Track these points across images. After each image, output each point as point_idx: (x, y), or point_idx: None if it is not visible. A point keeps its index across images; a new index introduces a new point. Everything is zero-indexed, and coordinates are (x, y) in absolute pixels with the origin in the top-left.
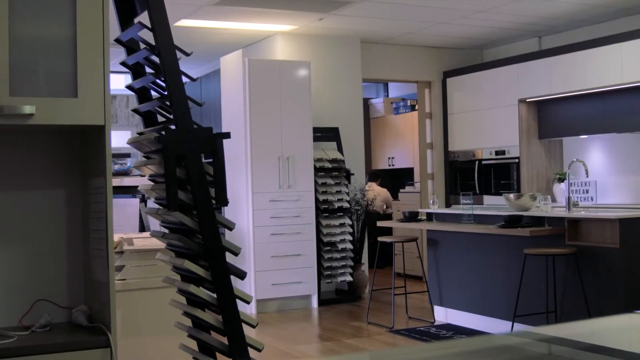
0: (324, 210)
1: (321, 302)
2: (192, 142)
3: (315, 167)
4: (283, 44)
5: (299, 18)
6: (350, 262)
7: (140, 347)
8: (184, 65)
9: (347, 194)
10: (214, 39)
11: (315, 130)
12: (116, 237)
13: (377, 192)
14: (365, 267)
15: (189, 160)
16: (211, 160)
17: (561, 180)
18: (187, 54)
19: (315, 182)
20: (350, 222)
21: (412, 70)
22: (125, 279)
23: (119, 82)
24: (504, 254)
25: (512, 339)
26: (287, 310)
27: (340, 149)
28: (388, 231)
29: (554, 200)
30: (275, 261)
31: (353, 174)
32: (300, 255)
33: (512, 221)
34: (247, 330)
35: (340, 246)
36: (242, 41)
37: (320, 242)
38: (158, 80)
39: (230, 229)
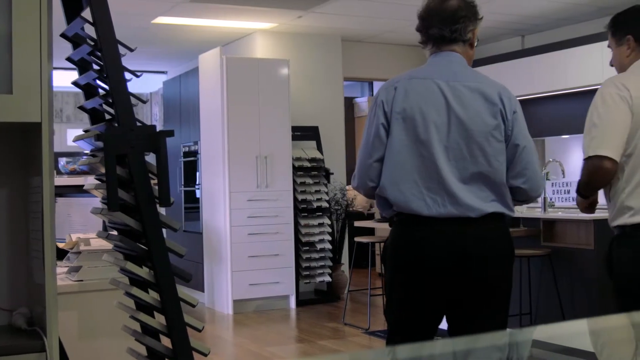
0: (302, 210)
1: (299, 303)
2: (134, 140)
3: (294, 167)
4: (262, 42)
5: (278, 16)
6: (329, 263)
7: (97, 350)
8: (164, 63)
9: (327, 193)
10: (192, 36)
11: (295, 129)
12: (74, 237)
13: (356, 192)
14: (345, 268)
15: (131, 159)
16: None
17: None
18: (130, 50)
19: (294, 181)
20: (329, 222)
21: (394, 69)
22: (82, 280)
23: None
24: None
25: (491, 340)
26: (265, 311)
27: (319, 148)
28: (372, 231)
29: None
30: (253, 261)
31: (332, 174)
32: (278, 256)
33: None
34: (222, 331)
35: (319, 246)
36: (222, 39)
37: (298, 242)
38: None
39: (175, 230)
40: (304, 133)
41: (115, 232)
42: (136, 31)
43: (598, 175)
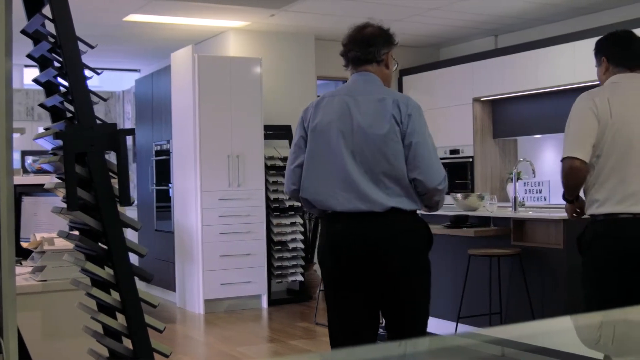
0: (274, 209)
1: (271, 302)
2: (94, 138)
3: (266, 166)
4: (235, 41)
5: (251, 14)
6: (302, 262)
7: (61, 350)
8: (137, 61)
9: None
10: (165, 34)
11: (267, 128)
12: (38, 237)
13: None
14: (317, 267)
15: (90, 158)
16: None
17: (516, 179)
18: (91, 47)
19: (266, 180)
20: (301, 221)
21: None
22: (46, 280)
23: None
24: (450, 254)
25: (458, 340)
26: (236, 311)
27: None
28: None
29: (507, 200)
30: (224, 260)
31: None
32: (250, 255)
33: (458, 221)
34: (193, 331)
35: (291, 245)
36: (194, 37)
37: (270, 242)
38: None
39: (137, 230)
40: (277, 132)
41: (76, 232)
42: (108, 29)
43: (572, 173)
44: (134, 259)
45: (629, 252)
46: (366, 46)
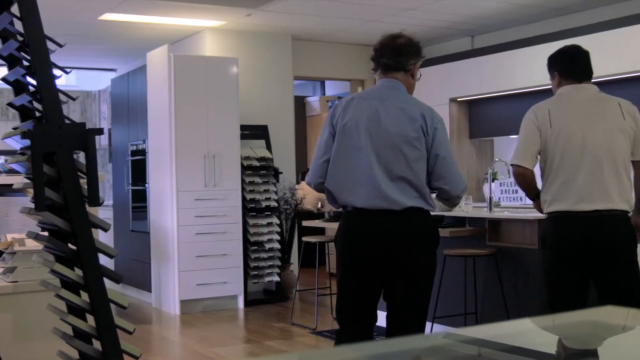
0: (251, 209)
1: (248, 303)
2: (62, 138)
3: (242, 166)
4: (212, 40)
5: (227, 13)
6: (278, 262)
7: (33, 351)
8: (113, 60)
9: (276, 192)
10: (141, 34)
11: (243, 127)
12: (9, 237)
13: (306, 191)
14: (295, 267)
15: (59, 158)
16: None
17: (492, 180)
18: (60, 45)
19: (243, 180)
20: (278, 222)
21: (345, 68)
22: (17, 281)
23: None
24: None
25: (434, 340)
26: (213, 311)
27: (269, 147)
28: (322, 230)
29: (484, 200)
30: (200, 261)
31: (281, 173)
32: (226, 255)
33: (434, 221)
34: (169, 332)
35: (267, 246)
36: (170, 37)
37: (247, 242)
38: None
39: (105, 230)
40: (253, 132)
41: (46, 233)
42: (83, 27)
43: (519, 178)
44: (109, 259)
45: (574, 246)
46: (397, 55)
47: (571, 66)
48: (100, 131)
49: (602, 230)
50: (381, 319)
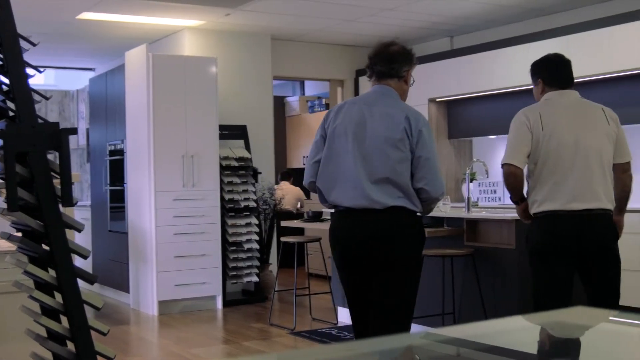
0: (229, 209)
1: (227, 303)
2: (36, 137)
3: (221, 166)
4: (191, 40)
5: (206, 13)
6: (257, 263)
7: (8, 353)
8: (91, 59)
9: (255, 193)
10: (119, 33)
11: (222, 127)
12: None
13: (285, 191)
14: (274, 267)
15: (32, 158)
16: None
17: (471, 180)
18: (33, 44)
19: (221, 180)
20: (257, 222)
21: (325, 68)
22: None
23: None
24: None
25: (412, 340)
26: (191, 312)
27: (248, 147)
28: (302, 231)
29: (463, 200)
30: (179, 261)
31: (260, 173)
32: (205, 256)
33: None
34: (147, 333)
35: (246, 246)
36: (149, 36)
37: (225, 242)
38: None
39: (79, 231)
40: (232, 132)
41: (19, 234)
42: (61, 26)
43: (510, 178)
44: (88, 260)
45: (565, 243)
46: (390, 62)
47: (555, 74)
48: (74, 131)
49: (592, 228)
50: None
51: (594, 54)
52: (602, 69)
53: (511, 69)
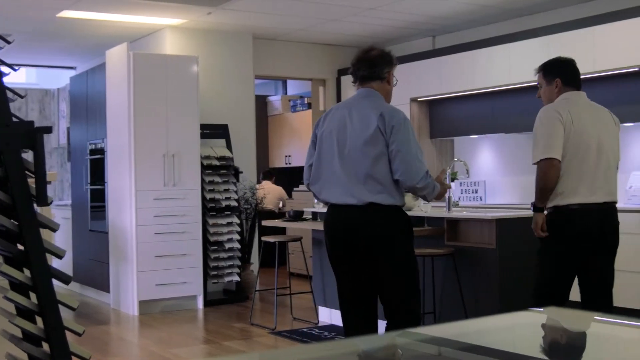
0: (211, 209)
1: (208, 303)
2: (10, 136)
3: (202, 165)
4: (172, 39)
5: (187, 12)
6: (238, 262)
7: None
8: (72, 58)
9: (236, 192)
10: (100, 31)
11: (204, 127)
12: None
13: (267, 191)
14: (255, 267)
15: (6, 157)
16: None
17: (452, 179)
18: (7, 42)
19: (203, 180)
20: (238, 221)
21: (307, 67)
22: None
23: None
24: None
25: (393, 339)
26: (172, 312)
27: (229, 146)
28: (284, 230)
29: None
30: (160, 261)
31: (242, 172)
32: (186, 255)
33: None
34: (127, 333)
35: (227, 245)
36: (131, 35)
37: (206, 242)
38: None
39: (54, 230)
40: (213, 131)
41: None
42: (41, 24)
43: (551, 172)
44: (68, 259)
45: (584, 236)
46: (372, 66)
47: (574, 75)
48: (48, 130)
49: (610, 219)
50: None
51: (574, 55)
52: (584, 69)
53: (493, 68)
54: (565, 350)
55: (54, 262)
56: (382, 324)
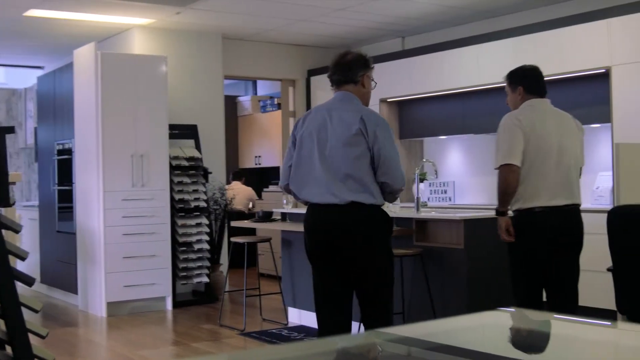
0: (179, 209)
1: (177, 304)
2: None
3: (171, 165)
4: (140, 38)
5: (156, 11)
6: (207, 263)
7: None
8: (40, 57)
9: (205, 193)
10: (68, 31)
11: (172, 127)
12: None
13: (236, 191)
14: (224, 268)
15: None
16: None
17: (421, 180)
18: None
19: (171, 180)
20: (207, 222)
21: (276, 68)
22: None
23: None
24: None
25: (363, 339)
26: (140, 313)
27: (198, 147)
28: (254, 231)
29: (413, 200)
30: (128, 262)
31: (211, 173)
32: (155, 256)
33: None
34: (95, 335)
35: (196, 246)
36: (99, 34)
37: (175, 243)
38: None
39: (17, 232)
40: (182, 131)
41: None
42: (7, 23)
43: (510, 177)
44: (36, 259)
45: (546, 237)
46: (346, 70)
47: (537, 83)
48: (10, 130)
49: (572, 221)
50: (311, 319)
51: (543, 56)
52: (551, 70)
53: (461, 69)
54: (531, 350)
55: (20, 264)
56: (355, 325)
